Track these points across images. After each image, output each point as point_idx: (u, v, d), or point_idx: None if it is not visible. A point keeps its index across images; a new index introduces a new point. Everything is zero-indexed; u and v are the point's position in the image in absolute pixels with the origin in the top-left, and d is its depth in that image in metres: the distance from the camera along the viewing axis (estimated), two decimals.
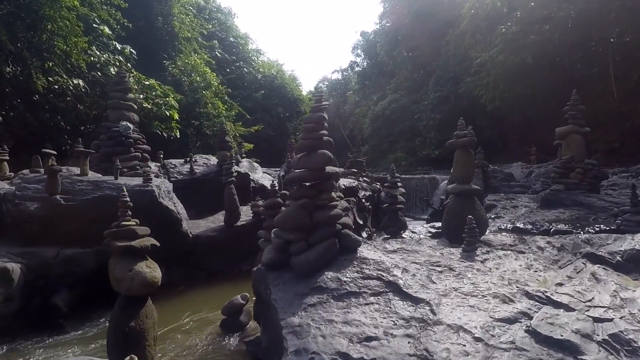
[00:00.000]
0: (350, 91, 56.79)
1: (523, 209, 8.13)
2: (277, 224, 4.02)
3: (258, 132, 22.16)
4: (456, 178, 4.65)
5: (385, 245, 4.38)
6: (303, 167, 4.09)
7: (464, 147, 4.57)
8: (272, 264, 3.86)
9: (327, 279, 3.49)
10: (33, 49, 11.99)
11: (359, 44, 47.29)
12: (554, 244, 4.26)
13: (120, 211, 4.30)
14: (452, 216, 4.52)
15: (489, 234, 4.98)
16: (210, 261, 7.24)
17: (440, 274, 3.62)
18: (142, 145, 7.59)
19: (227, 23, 24.72)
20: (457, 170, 4.61)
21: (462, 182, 4.61)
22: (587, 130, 8.62)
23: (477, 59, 21.51)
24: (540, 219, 6.53)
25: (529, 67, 19.70)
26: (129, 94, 7.87)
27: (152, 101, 14.86)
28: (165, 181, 7.11)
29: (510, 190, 11.56)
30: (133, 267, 4.01)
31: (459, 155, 4.61)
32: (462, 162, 4.56)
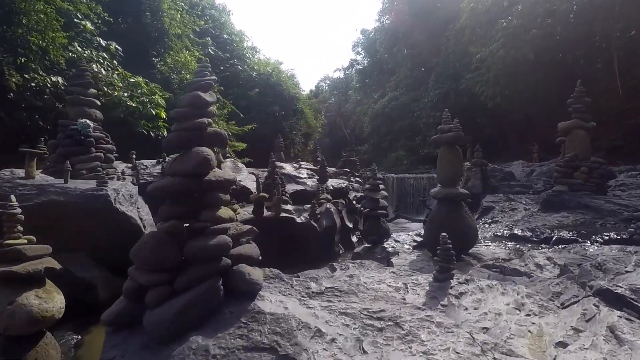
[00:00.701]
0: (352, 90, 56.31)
1: (522, 212, 7.47)
2: (132, 258, 2.82)
3: (253, 131, 21.53)
4: (441, 180, 4.02)
5: (309, 284, 3.26)
6: (172, 174, 2.91)
7: (450, 144, 3.93)
8: (116, 320, 2.65)
9: (189, 350, 2.27)
10: (6, 45, 11.40)
11: (360, 41, 46.81)
12: (555, 260, 3.57)
13: (6, 226, 3.24)
14: (436, 225, 3.89)
15: (480, 246, 4.33)
16: None
17: (379, 336, 2.39)
18: (105, 145, 6.99)
19: (221, 20, 24.09)
20: (442, 170, 3.97)
21: (447, 185, 3.98)
22: (593, 126, 7.91)
23: (477, 55, 20.83)
24: (541, 225, 5.87)
25: (531, 63, 19.03)
26: (91, 89, 7.26)
27: (137, 99, 14.29)
28: (128, 184, 6.49)
29: (510, 190, 10.90)
30: (15, 299, 3.05)
31: (443, 153, 3.98)
32: (448, 161, 3.93)
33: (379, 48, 35.41)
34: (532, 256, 3.63)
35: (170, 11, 18.82)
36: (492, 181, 11.58)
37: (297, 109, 25.74)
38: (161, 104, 14.97)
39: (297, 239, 8.13)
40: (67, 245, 5.54)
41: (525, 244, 5.00)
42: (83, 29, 14.21)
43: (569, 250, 3.92)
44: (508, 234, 5.71)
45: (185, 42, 20.36)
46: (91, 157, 6.59)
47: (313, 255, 8.16)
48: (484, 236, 5.88)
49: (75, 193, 5.46)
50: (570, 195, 6.93)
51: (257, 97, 23.35)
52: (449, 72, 25.85)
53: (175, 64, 17.83)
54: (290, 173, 11.25)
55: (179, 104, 3.14)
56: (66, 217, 5.37)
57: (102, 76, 13.61)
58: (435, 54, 27.16)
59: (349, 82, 55.11)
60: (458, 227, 3.73)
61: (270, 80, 23.89)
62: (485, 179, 11.54)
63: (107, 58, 14.74)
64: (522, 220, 6.54)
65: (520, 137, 22.61)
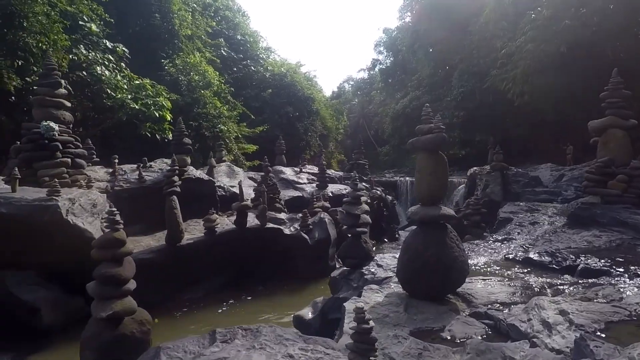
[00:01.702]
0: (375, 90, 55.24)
1: (545, 226, 6.32)
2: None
3: (265, 132, 21.00)
4: (419, 196, 3.09)
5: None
6: None
7: (430, 150, 3.00)
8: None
9: None
10: (6, 48, 11.30)
11: (382, 41, 45.71)
12: (572, 316, 2.43)
13: None
14: (410, 257, 2.95)
15: (475, 281, 3.35)
16: (146, 289, 5.96)
17: None
18: (74, 149, 6.48)
19: (235, 20, 23.74)
20: (421, 184, 3.05)
21: (427, 203, 3.05)
22: (633, 124, 6.57)
23: (503, 50, 19.33)
24: (565, 247, 4.77)
25: (564, 56, 17.37)
26: (59, 89, 6.77)
27: (141, 102, 14.01)
28: (91, 192, 5.93)
29: (534, 198, 9.64)
30: None
31: (422, 161, 3.05)
32: (428, 173, 3.00)
33: (400, 47, 34.21)
34: (539, 307, 2.56)
35: (181, 12, 18.57)
36: (514, 187, 10.32)
37: (313, 110, 24.99)
38: (166, 106, 14.65)
39: (285, 252, 7.36)
40: (11, 263, 5.01)
41: (541, 274, 3.96)
42: (89, 31, 14.09)
43: (597, 292, 2.88)
44: (522, 257, 4.65)
45: (197, 43, 20.09)
46: (56, 162, 6.07)
47: (302, 271, 7.36)
48: (492, 259, 4.85)
49: (20, 204, 4.92)
50: (604, 209, 5.70)
51: (271, 98, 22.82)
52: (472, 69, 24.35)
53: (184, 65, 17.55)
54: (289, 178, 10.51)
55: None
56: (8, 231, 4.83)
57: (106, 78, 13.41)
58: (458, 50, 25.72)
59: (373, 82, 54.14)
60: (440, 260, 2.80)
61: (284, 80, 23.29)
62: (506, 185, 10.31)
63: (113, 60, 14.56)
64: (543, 239, 5.43)
65: (554, 138, 20.86)
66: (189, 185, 7.77)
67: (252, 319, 5.63)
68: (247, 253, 7.19)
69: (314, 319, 4.06)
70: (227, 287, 6.92)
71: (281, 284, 7.07)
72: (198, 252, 6.56)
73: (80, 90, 13.48)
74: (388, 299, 2.97)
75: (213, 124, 17.43)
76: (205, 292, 6.65)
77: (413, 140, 3.14)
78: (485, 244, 5.70)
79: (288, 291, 6.84)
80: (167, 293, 6.25)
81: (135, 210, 7.08)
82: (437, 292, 2.89)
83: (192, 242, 6.45)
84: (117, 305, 3.54)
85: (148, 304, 6.07)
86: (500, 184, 10.20)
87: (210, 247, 6.74)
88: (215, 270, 6.91)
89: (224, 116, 18.06)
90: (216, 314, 5.93)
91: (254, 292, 6.87)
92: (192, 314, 5.94)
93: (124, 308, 3.62)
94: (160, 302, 6.14)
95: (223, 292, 6.70)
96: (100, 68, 13.54)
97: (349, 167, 13.55)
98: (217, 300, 6.40)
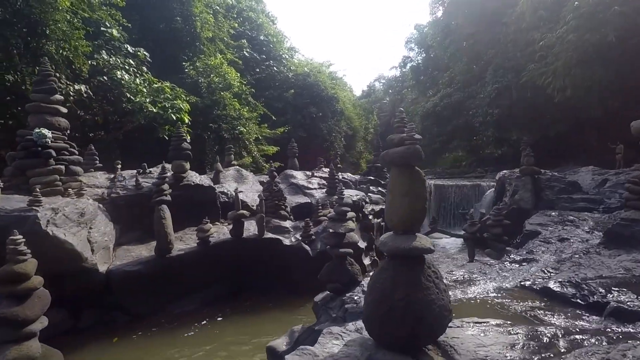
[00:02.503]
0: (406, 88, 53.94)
1: (576, 244, 5.43)
2: None
3: (288, 133, 20.73)
4: (390, 223, 2.50)
5: None
6: None
7: (403, 165, 2.41)
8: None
9: None
10: (29, 55, 11.68)
11: (413, 37, 44.45)
12: None
13: None
14: (378, 298, 2.36)
15: (464, 330, 2.70)
16: (134, 301, 5.75)
17: None
18: (69, 156, 6.37)
19: (258, 21, 23.62)
20: (392, 207, 2.47)
21: (400, 231, 2.46)
22: None
23: (541, 41, 17.85)
24: (595, 275, 3.93)
25: (612, 46, 15.76)
26: (55, 95, 6.69)
27: (159, 105, 14.12)
28: (80, 201, 5.76)
29: (571, 206, 8.57)
30: None
31: (394, 179, 2.47)
32: (400, 193, 2.42)
33: (431, 42, 32.92)
34: None
35: (203, 15, 18.63)
36: (547, 193, 9.25)
37: (337, 110, 24.41)
38: (184, 109, 14.68)
39: (284, 264, 6.89)
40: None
41: (559, 312, 3.22)
42: (110, 37, 14.38)
43: (625, 353, 2.16)
44: (540, 285, 3.88)
45: (219, 45, 20.12)
46: (48, 170, 5.97)
47: (301, 284, 6.85)
48: (503, 286, 4.12)
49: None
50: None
51: (293, 98, 22.51)
52: (508, 63, 22.81)
53: (205, 67, 17.58)
54: (299, 183, 10.04)
55: None
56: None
57: (125, 82, 13.61)
58: (492, 44, 24.21)
59: (405, 80, 52.89)
60: (410, 305, 2.21)
61: (307, 80, 22.89)
62: (538, 191, 9.28)
63: (134, 64, 14.78)
64: (570, 262, 4.58)
65: (599, 136, 19.05)
66: (188, 192, 7.52)
67: (222, 345, 5.21)
68: (243, 265, 6.82)
69: (287, 351, 3.57)
70: (221, 300, 6.58)
71: (279, 299, 6.62)
72: (190, 264, 6.25)
73: (101, 95, 13.76)
74: (347, 350, 2.41)
75: (233, 126, 17.34)
76: (199, 304, 6.35)
77: (383, 153, 2.56)
78: (500, 265, 4.94)
79: (285, 307, 6.38)
80: (157, 305, 5.99)
81: (132, 218, 6.91)
82: (407, 344, 2.31)
83: (183, 254, 6.15)
84: (11, 353, 3.00)
85: (136, 316, 5.88)
86: (530, 190, 9.18)
87: (204, 258, 6.42)
88: (210, 283, 6.58)
89: (243, 118, 17.94)
90: (184, 336, 5.47)
91: (247, 307, 6.47)
92: (164, 332, 5.57)
93: (21, 356, 3.04)
94: (150, 314, 5.90)
95: (216, 306, 6.37)
96: (121, 72, 13.75)
97: (366, 171, 12.87)
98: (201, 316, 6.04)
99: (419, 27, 42.15)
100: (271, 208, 8.26)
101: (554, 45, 17.87)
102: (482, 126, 25.83)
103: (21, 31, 11.49)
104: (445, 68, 33.00)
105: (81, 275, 5.16)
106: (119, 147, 14.58)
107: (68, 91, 12.48)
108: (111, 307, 5.67)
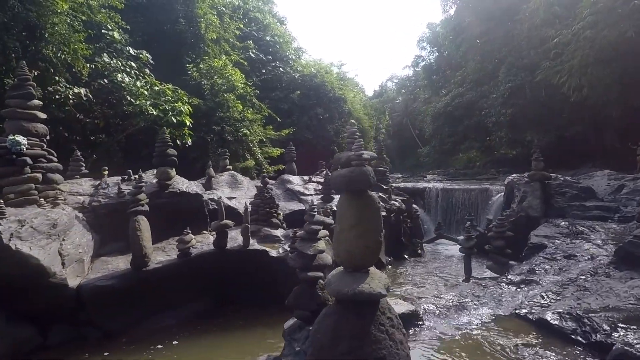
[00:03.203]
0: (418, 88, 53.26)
1: (583, 262, 4.89)
2: None
3: (294, 135, 20.40)
4: (338, 258, 2.11)
5: None
6: None
7: (355, 191, 2.01)
8: None
9: None
10: (27, 59, 11.64)
11: (425, 36, 43.76)
12: None
13: None
14: (317, 348, 1.97)
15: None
16: (108, 317, 5.47)
17: None
18: (46, 164, 6.15)
19: (265, 22, 23.37)
20: (339, 240, 2.07)
21: (350, 268, 2.06)
22: None
23: (556, 38, 17.09)
24: (601, 305, 3.42)
25: (632, 43, 14.92)
26: (33, 101, 6.48)
27: (160, 107, 13.99)
28: (50, 212, 5.51)
29: (583, 215, 7.97)
30: None
31: (341, 206, 2.07)
32: (349, 224, 2.02)
33: (443, 41, 32.18)
34: None
35: (207, 16, 18.46)
36: (557, 200, 8.65)
37: (344, 111, 23.97)
38: (184, 111, 14.51)
39: (272, 277, 6.53)
40: None
41: (556, 352, 2.76)
42: (112, 39, 14.31)
43: None
44: (537, 314, 3.40)
45: (224, 46, 19.92)
46: (23, 178, 5.75)
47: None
48: (496, 313, 3.66)
49: None
50: None
51: (299, 99, 22.17)
52: (522, 62, 22.00)
53: (208, 69, 17.40)
54: (295, 188, 9.66)
55: None
56: None
57: (125, 85, 13.51)
58: (505, 42, 23.41)
59: (417, 79, 52.17)
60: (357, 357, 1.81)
61: (314, 81, 22.52)
62: (548, 198, 8.68)
63: (135, 67, 14.68)
64: (574, 285, 4.07)
65: (619, 136, 18.13)
66: (174, 200, 7.24)
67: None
68: (227, 277, 6.48)
69: None
70: (203, 315, 6.26)
71: (264, 313, 6.26)
72: (169, 277, 5.95)
73: (102, 98, 13.68)
74: None
75: (236, 128, 17.10)
76: (178, 319, 6.04)
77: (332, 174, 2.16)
78: (495, 287, 4.44)
79: (269, 323, 6.01)
80: (132, 321, 5.70)
81: (114, 227, 6.65)
82: None
83: (160, 266, 5.84)
84: None
85: (109, 333, 5.61)
86: (539, 197, 8.60)
87: (184, 271, 6.11)
88: (191, 297, 6.27)
89: (247, 120, 17.69)
90: (160, 353, 5.10)
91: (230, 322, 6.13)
92: (140, 349, 5.24)
93: None
94: (124, 330, 5.62)
95: (196, 321, 6.05)
96: (121, 75, 13.65)
97: None
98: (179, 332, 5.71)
99: (431, 25, 41.44)
100: (263, 216, 7.92)
101: (570, 42, 17.08)
102: (495, 126, 25.04)
103: (20, 35, 11.46)
104: (458, 67, 32.19)
105: (49, 291, 4.91)
106: (121, 150, 14.47)
107: (67, 95, 12.42)
108: (83, 323, 5.41)
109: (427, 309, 3.84)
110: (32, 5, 11.37)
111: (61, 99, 12.32)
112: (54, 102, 12.26)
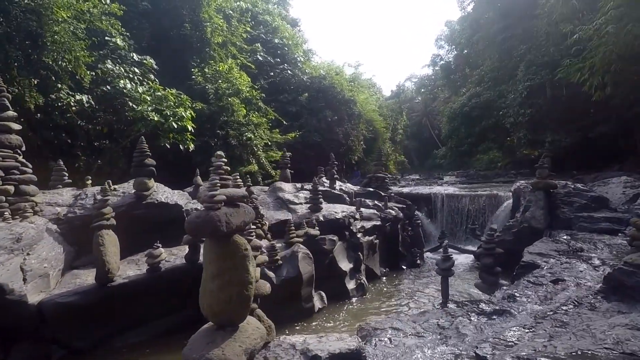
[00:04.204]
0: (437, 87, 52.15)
1: (571, 289, 4.36)
2: None
3: (302, 138, 20.18)
4: (203, 311, 1.80)
5: None
6: None
7: (217, 236, 1.70)
8: None
9: None
10: (29, 67, 11.90)
11: (443, 34, 42.75)
12: None
13: None
14: None
15: None
16: (72, 334, 5.36)
17: None
18: (20, 175, 6.13)
19: (274, 24, 23.25)
20: (204, 293, 1.77)
21: (218, 326, 1.75)
22: None
23: (575, 34, 16.10)
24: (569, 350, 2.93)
25: None
26: (7, 112, 6.48)
27: (161, 113, 14.04)
28: (15, 225, 5.45)
29: (591, 227, 7.33)
30: None
31: (206, 252, 1.76)
32: (211, 274, 1.72)
33: (461, 39, 31.20)
34: None
35: (213, 20, 18.49)
36: (564, 211, 7.98)
37: (354, 113, 23.52)
38: (186, 117, 14.51)
39: None
40: None
41: None
42: (115, 46, 14.48)
43: None
44: (498, 357, 2.98)
45: (232, 49, 19.90)
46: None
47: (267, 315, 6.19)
48: (455, 351, 3.24)
49: None
50: None
51: (308, 102, 21.91)
52: (542, 59, 20.95)
53: (213, 73, 17.41)
54: (285, 197, 9.38)
55: None
56: None
57: (127, 91, 13.64)
58: (524, 39, 22.39)
59: (437, 79, 51.05)
60: None
61: (323, 83, 22.20)
62: (553, 208, 8.04)
63: (138, 73, 14.81)
64: (551, 320, 3.57)
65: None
66: (152, 211, 7.11)
67: None
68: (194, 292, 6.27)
69: None
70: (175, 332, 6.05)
71: None
72: (138, 292, 5.79)
73: (105, 105, 13.85)
74: None
75: (240, 132, 17.01)
76: (148, 337, 5.87)
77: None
78: (466, 318, 3.98)
79: None
80: (98, 338, 5.57)
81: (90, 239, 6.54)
82: None
83: (127, 282, 5.68)
84: None
85: (74, 351, 5.50)
86: (543, 207, 7.96)
87: (155, 286, 5.94)
88: (162, 313, 6.09)
89: (252, 123, 17.57)
90: None
91: None
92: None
93: None
94: (90, 349, 5.49)
95: (167, 338, 5.86)
96: (124, 81, 13.79)
97: (366, 181, 11.98)
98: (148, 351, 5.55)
99: (449, 23, 40.43)
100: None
101: (592, 38, 16.02)
102: (514, 127, 23.97)
103: (22, 44, 11.71)
104: (476, 66, 31.14)
105: (6, 308, 4.83)
106: (125, 156, 14.62)
107: (69, 102, 12.61)
108: (47, 341, 5.32)
109: (377, 345, 3.45)
110: (33, 15, 11.60)
111: (63, 106, 12.54)
112: (56, 110, 12.50)
